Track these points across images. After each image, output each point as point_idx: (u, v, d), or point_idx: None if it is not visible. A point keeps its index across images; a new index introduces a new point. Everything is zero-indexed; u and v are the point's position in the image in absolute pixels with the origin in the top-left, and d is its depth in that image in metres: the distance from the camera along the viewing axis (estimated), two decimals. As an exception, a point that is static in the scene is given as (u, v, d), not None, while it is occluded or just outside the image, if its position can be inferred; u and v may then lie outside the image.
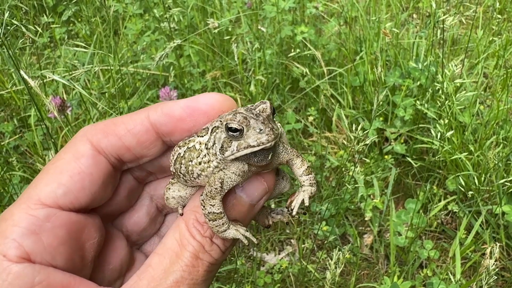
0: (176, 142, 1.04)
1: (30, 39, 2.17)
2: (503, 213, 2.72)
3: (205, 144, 0.98)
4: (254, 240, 1.01)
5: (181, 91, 3.59)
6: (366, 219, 2.96)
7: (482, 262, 1.50)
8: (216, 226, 0.97)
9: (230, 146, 0.94)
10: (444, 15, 2.62)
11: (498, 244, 1.62)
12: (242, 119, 0.92)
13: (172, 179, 1.11)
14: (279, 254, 2.95)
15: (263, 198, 1.03)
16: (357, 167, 3.08)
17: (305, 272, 2.73)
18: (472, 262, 2.70)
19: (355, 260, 2.80)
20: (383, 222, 3.02)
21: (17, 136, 3.40)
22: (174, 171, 1.04)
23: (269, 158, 0.96)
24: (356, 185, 2.56)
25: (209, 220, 0.97)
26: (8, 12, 1.58)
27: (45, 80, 2.82)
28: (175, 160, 1.02)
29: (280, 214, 1.16)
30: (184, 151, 1.00)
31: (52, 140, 2.17)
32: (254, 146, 0.92)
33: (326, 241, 2.92)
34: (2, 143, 3.20)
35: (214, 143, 0.96)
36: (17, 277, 0.84)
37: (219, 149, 0.95)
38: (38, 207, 0.91)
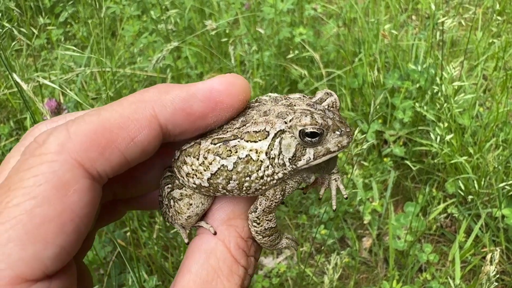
0: (181, 140, 0.80)
1: (26, 41, 2.15)
2: (503, 216, 2.70)
3: (266, 153, 0.78)
4: (298, 242, 0.91)
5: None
6: (365, 222, 2.94)
7: (483, 268, 1.48)
8: (271, 241, 0.84)
9: (304, 154, 0.77)
10: (443, 17, 2.60)
11: (498, 250, 1.59)
12: (323, 123, 0.76)
13: (178, 188, 0.88)
14: (277, 257, 2.92)
15: None
16: (356, 169, 3.06)
17: (303, 276, 2.71)
18: (472, 266, 2.68)
19: (354, 263, 2.78)
20: (382, 225, 2.99)
21: (14, 138, 3.37)
22: (207, 185, 0.82)
23: (337, 163, 0.84)
24: (354, 190, 2.54)
25: (264, 237, 0.82)
26: (1, 13, 1.56)
27: (41, 82, 2.80)
28: (214, 174, 0.80)
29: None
30: (235, 163, 0.79)
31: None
32: (334, 152, 0.77)
33: (324, 245, 2.90)
34: (-2, 146, 3.18)
35: (280, 152, 0.78)
36: None
37: (290, 159, 0.78)
38: (22, 287, 0.60)
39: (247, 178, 0.79)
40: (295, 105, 0.80)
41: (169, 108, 0.71)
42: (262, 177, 0.79)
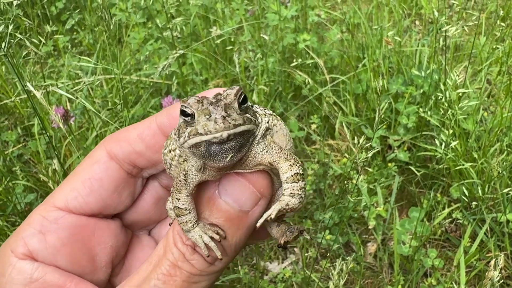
0: None
1: (35, 49, 2.19)
2: (508, 221, 2.70)
3: (175, 130, 0.91)
4: (218, 255, 0.90)
5: (184, 99, 3.58)
6: (369, 227, 2.95)
7: (487, 274, 1.49)
8: (181, 223, 0.91)
9: (184, 132, 0.84)
10: (447, 23, 2.61)
11: (502, 255, 1.60)
12: (194, 103, 0.82)
13: None
14: (282, 262, 2.94)
15: (258, 205, 0.92)
16: (360, 174, 3.07)
17: (308, 281, 2.72)
18: (477, 271, 2.68)
19: (359, 269, 2.78)
20: (386, 231, 3.00)
21: (21, 144, 3.41)
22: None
23: (228, 159, 0.83)
24: (359, 198, 2.54)
25: (176, 216, 0.92)
26: (12, 23, 1.59)
27: (48, 89, 2.84)
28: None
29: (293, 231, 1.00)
30: (165, 142, 0.97)
31: (55, 150, 2.18)
32: (202, 134, 0.81)
33: (329, 250, 2.91)
34: (6, 152, 3.21)
35: (177, 129, 0.88)
36: (18, 272, 0.92)
37: (178, 135, 0.87)
38: (51, 210, 0.97)
39: (164, 151, 0.96)
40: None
41: (164, 114, 1.01)
42: (170, 151, 0.94)
